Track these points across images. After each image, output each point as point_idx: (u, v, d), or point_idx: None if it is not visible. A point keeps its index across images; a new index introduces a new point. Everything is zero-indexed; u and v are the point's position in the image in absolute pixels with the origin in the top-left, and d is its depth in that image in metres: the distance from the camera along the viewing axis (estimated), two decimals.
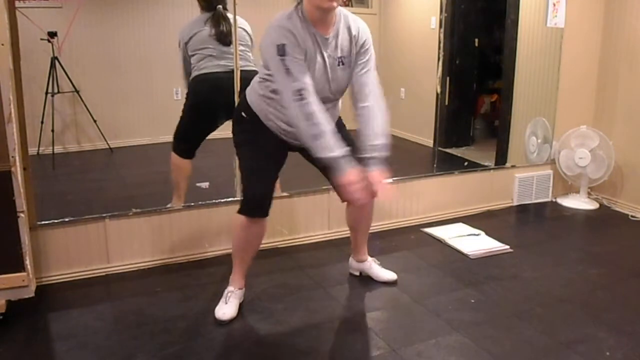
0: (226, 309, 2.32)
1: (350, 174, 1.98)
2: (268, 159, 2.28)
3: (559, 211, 3.77)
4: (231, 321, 2.29)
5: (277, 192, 2.95)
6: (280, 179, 2.57)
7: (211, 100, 2.99)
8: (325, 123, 1.98)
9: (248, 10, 3.04)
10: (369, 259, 2.71)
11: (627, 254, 3.05)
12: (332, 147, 1.97)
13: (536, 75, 3.84)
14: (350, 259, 2.76)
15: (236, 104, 2.51)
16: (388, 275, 2.67)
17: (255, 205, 2.26)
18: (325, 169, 2.11)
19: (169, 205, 2.96)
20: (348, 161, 1.99)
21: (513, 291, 2.59)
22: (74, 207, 2.94)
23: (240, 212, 2.28)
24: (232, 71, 2.91)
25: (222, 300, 2.37)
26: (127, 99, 3.90)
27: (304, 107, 1.97)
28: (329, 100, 2.20)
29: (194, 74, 3.03)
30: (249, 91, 2.28)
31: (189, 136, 3.08)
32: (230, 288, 2.40)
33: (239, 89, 2.89)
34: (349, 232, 3.23)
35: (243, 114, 2.27)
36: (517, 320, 2.32)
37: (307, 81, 2.00)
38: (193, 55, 3.00)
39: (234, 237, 2.40)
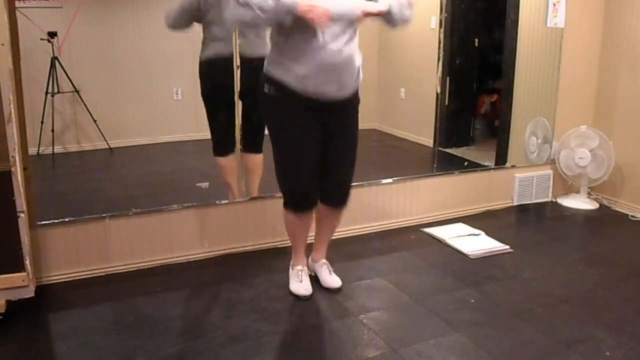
0: (305, 285, 2.53)
1: (301, 3, 2.02)
2: (307, 146, 2.31)
3: (559, 211, 3.77)
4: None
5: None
6: None
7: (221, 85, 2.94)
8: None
9: None
10: (321, 262, 2.66)
11: (627, 254, 3.05)
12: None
13: (536, 75, 3.84)
14: (310, 258, 2.72)
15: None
16: (333, 281, 2.61)
17: (302, 201, 2.41)
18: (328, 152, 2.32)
19: (238, 197, 3.00)
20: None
21: (513, 291, 2.59)
22: (74, 207, 2.93)
23: (286, 206, 2.42)
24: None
25: (296, 279, 2.55)
26: (127, 99, 3.90)
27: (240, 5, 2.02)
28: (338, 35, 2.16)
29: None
30: (265, 66, 2.28)
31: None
32: (298, 267, 2.58)
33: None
34: (348, 232, 3.25)
35: (266, 89, 2.26)
36: (517, 320, 2.32)
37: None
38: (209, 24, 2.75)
39: (286, 226, 2.56)
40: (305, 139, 2.31)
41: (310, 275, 2.65)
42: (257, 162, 3.07)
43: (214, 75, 2.93)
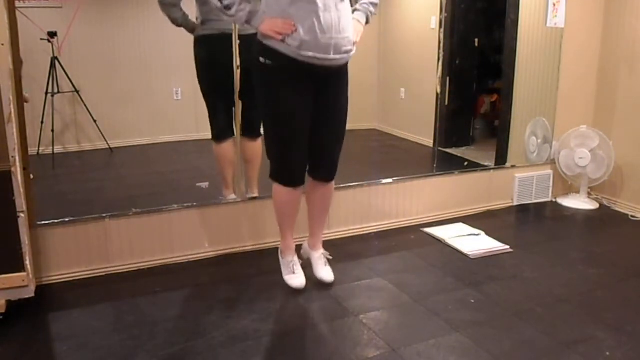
0: (300, 277, 2.56)
1: (266, 19, 2.21)
2: (298, 119, 2.33)
3: (559, 211, 3.77)
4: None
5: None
6: None
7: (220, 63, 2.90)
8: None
9: None
10: (320, 251, 2.67)
11: (627, 254, 3.05)
12: (244, 8, 2.22)
13: (536, 75, 3.84)
14: (305, 243, 2.74)
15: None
16: (326, 274, 2.62)
17: (293, 174, 2.42)
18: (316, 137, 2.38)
19: (220, 198, 2.95)
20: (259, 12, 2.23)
21: (513, 291, 2.59)
22: (74, 207, 2.94)
23: (275, 179, 2.43)
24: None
25: (288, 270, 2.58)
26: (127, 99, 3.91)
27: None
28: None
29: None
30: (258, 35, 2.29)
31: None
32: (288, 258, 2.60)
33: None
34: (348, 232, 3.25)
35: (261, 59, 2.28)
36: (517, 320, 2.32)
37: None
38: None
39: (274, 202, 2.54)
40: (297, 112, 2.32)
41: (304, 259, 2.68)
42: (255, 150, 3.02)
43: (212, 54, 2.88)
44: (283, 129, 2.36)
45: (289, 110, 2.32)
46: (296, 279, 2.57)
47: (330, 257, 2.70)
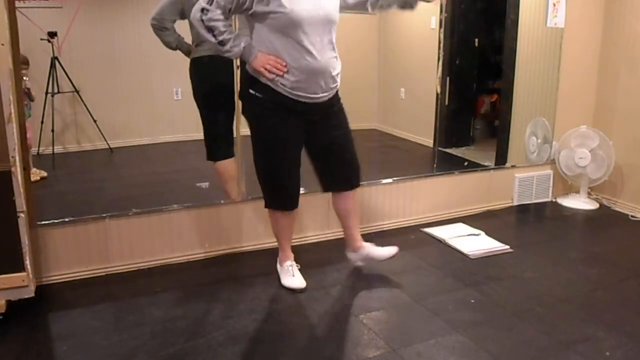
0: (298, 279, 2.59)
1: (259, 55, 2.23)
2: (291, 147, 2.39)
3: (559, 211, 3.77)
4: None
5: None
6: None
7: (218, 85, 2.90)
8: (226, 30, 2.21)
9: None
10: (366, 244, 2.73)
11: (627, 254, 3.05)
12: (238, 44, 2.23)
13: (536, 75, 3.84)
14: (348, 253, 2.77)
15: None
16: (388, 251, 2.70)
17: (289, 200, 2.48)
18: (320, 156, 2.47)
19: (238, 197, 2.97)
20: (253, 48, 2.25)
21: (513, 291, 2.59)
22: (74, 207, 2.94)
23: (271, 207, 2.50)
24: None
25: (288, 274, 2.61)
26: (127, 99, 3.91)
27: (206, 21, 2.18)
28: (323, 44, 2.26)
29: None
30: (248, 68, 2.33)
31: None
32: (287, 263, 2.64)
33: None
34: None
35: (252, 91, 2.32)
36: (517, 320, 2.32)
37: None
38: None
39: (272, 227, 2.62)
40: (288, 142, 2.39)
41: (359, 263, 2.76)
42: None
43: (209, 75, 2.86)
44: (273, 159, 2.41)
45: (280, 140, 2.37)
46: (296, 280, 2.59)
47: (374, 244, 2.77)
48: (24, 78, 3.33)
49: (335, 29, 2.34)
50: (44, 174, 3.49)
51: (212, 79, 2.84)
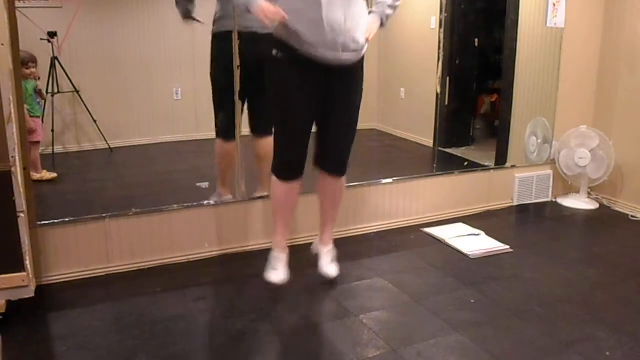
0: (278, 274, 2.50)
1: (261, 3, 2.19)
2: (301, 115, 2.36)
3: (559, 211, 3.77)
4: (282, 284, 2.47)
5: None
6: None
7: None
8: None
9: None
10: (329, 247, 2.70)
11: (627, 254, 3.05)
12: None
13: (536, 75, 3.84)
14: (318, 238, 2.76)
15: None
16: (331, 270, 2.65)
17: (289, 169, 2.44)
18: (323, 123, 2.41)
19: (215, 199, 2.93)
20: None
21: (513, 291, 2.59)
22: (74, 207, 2.94)
23: (273, 171, 2.45)
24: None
25: (271, 265, 2.53)
26: (127, 99, 3.91)
27: None
28: None
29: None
30: (274, 29, 2.33)
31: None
32: (274, 253, 2.55)
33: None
34: (348, 232, 3.24)
35: (274, 52, 2.31)
36: (517, 320, 2.32)
37: None
38: None
39: (271, 195, 2.55)
40: (301, 106, 2.36)
41: (313, 255, 2.72)
42: (267, 147, 2.98)
43: (224, 50, 2.84)
44: (286, 121, 2.39)
45: (293, 104, 2.35)
46: (275, 274, 2.52)
47: (333, 254, 2.72)
48: (37, 78, 3.35)
49: None
50: (54, 175, 3.51)
51: (232, 55, 2.81)
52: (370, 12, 2.40)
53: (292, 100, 2.35)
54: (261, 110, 2.88)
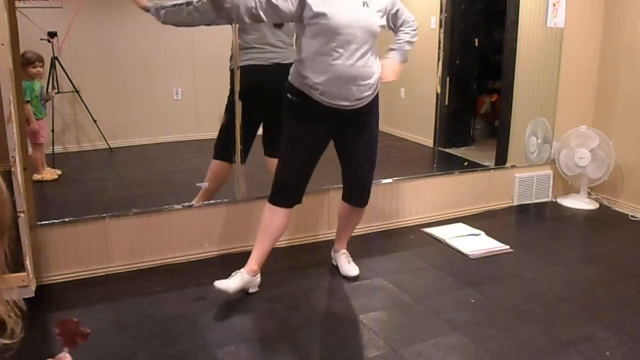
0: (225, 281, 2.38)
1: None
2: (307, 147, 2.44)
3: (559, 211, 3.77)
4: (228, 294, 2.37)
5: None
6: None
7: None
8: None
9: None
10: (343, 251, 2.79)
11: (627, 254, 3.05)
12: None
13: (536, 75, 3.84)
14: (333, 249, 2.85)
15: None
16: (350, 269, 2.73)
17: (287, 193, 2.49)
18: (344, 157, 2.56)
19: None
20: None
21: (513, 291, 2.59)
22: (74, 207, 2.94)
23: (270, 198, 2.51)
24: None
25: (229, 276, 2.45)
26: (127, 99, 3.91)
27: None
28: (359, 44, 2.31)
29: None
30: (289, 75, 2.41)
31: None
32: (242, 271, 2.46)
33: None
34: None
35: (289, 95, 2.39)
36: (517, 320, 2.32)
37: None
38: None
39: (262, 222, 2.55)
40: (309, 140, 2.43)
41: (333, 265, 2.80)
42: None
43: (255, 83, 2.90)
44: (293, 153, 2.46)
45: (301, 138, 2.43)
46: (225, 282, 2.39)
47: (349, 258, 2.80)
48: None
49: (375, 40, 2.39)
50: (59, 172, 3.52)
51: (259, 87, 2.87)
52: (389, 50, 2.54)
53: (303, 135, 2.43)
54: (273, 131, 2.92)
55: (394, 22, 2.54)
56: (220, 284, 2.37)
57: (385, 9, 2.44)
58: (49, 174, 3.51)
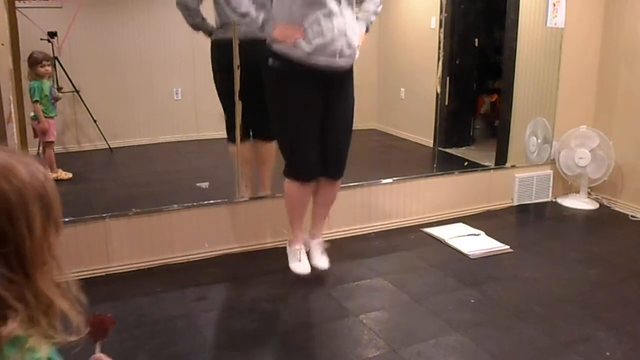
0: (305, 265, 2.58)
1: (277, 26, 2.28)
2: (308, 117, 2.40)
3: (559, 211, 3.77)
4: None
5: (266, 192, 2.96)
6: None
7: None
8: (246, 2, 2.25)
9: None
10: (319, 240, 2.72)
11: (627, 254, 3.05)
12: (257, 16, 2.28)
13: (536, 75, 3.84)
14: (309, 233, 2.77)
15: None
16: (321, 262, 2.66)
17: (309, 171, 2.48)
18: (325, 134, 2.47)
19: (238, 197, 2.96)
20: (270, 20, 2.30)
21: (513, 291, 2.59)
22: (74, 207, 2.94)
23: (288, 175, 2.49)
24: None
25: (295, 258, 2.60)
26: (127, 99, 3.91)
27: None
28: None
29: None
30: (268, 40, 2.36)
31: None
32: (296, 246, 2.62)
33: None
34: (348, 232, 3.24)
35: (270, 62, 2.35)
36: (517, 320, 2.32)
37: None
38: None
39: (286, 198, 2.60)
40: (307, 110, 2.40)
41: (307, 252, 2.71)
42: (269, 151, 3.01)
43: (226, 58, 2.85)
44: (295, 127, 2.43)
45: (299, 109, 2.39)
46: (301, 266, 2.60)
47: (325, 247, 2.74)
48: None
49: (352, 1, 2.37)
50: (69, 175, 3.54)
51: (230, 62, 2.82)
52: (356, 18, 2.45)
53: (298, 105, 2.39)
54: (261, 114, 2.89)
55: None
56: (303, 268, 2.55)
57: None
58: (63, 173, 3.53)
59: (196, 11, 2.83)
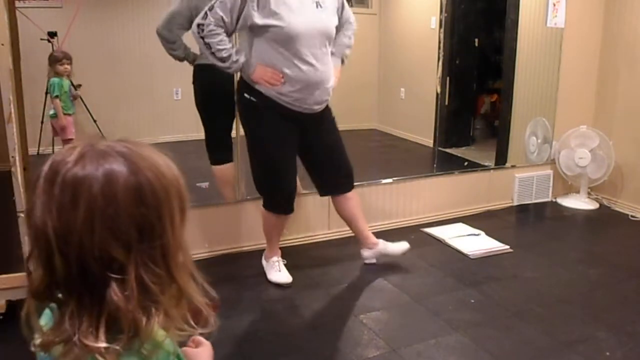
0: (285, 274, 2.61)
1: (258, 67, 2.29)
2: (284, 150, 2.43)
3: (559, 211, 3.77)
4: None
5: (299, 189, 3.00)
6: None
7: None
8: (224, 48, 2.26)
9: None
10: (380, 241, 2.78)
11: (627, 254, 3.05)
12: (237, 60, 2.29)
13: (536, 75, 3.84)
14: (362, 250, 2.81)
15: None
16: (401, 246, 2.75)
17: (284, 204, 2.52)
18: (312, 165, 2.55)
19: (238, 197, 3.00)
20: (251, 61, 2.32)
21: (513, 291, 2.59)
22: None
23: (269, 208, 2.53)
24: None
25: (273, 269, 2.64)
26: (128, 99, 3.91)
27: (205, 38, 2.26)
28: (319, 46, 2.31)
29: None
30: (243, 75, 2.39)
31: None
32: (274, 258, 2.66)
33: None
34: (348, 231, 3.23)
35: (246, 95, 2.37)
36: (517, 320, 2.32)
37: (212, 18, 2.22)
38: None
39: (264, 227, 2.66)
40: (286, 143, 2.43)
41: (373, 264, 2.78)
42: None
43: (211, 82, 2.86)
44: (270, 161, 2.45)
45: (278, 143, 2.42)
46: (282, 276, 2.63)
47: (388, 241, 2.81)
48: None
49: (332, 42, 2.39)
50: None
51: (213, 86, 2.84)
52: (330, 54, 2.44)
53: (278, 137, 2.41)
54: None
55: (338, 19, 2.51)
56: (284, 278, 2.58)
57: (337, 8, 2.43)
58: None
59: (176, 43, 2.83)
